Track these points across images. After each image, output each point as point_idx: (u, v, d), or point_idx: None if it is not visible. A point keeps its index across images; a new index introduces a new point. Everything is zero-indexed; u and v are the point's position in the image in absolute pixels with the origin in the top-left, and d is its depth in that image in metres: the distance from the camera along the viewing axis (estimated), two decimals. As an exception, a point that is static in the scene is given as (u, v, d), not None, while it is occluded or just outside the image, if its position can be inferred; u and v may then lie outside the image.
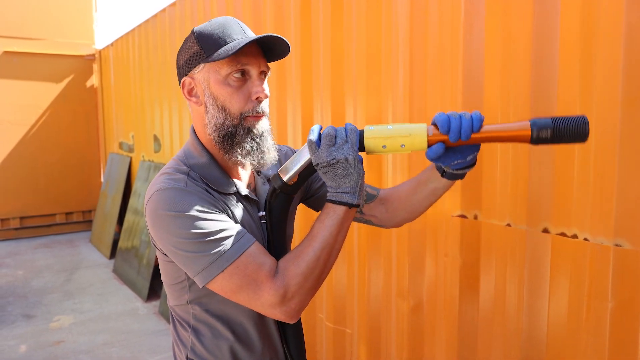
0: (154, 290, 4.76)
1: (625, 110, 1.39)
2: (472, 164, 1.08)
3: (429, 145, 1.02)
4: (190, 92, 1.13)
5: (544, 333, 1.64)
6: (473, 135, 1.00)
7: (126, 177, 6.30)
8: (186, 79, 1.13)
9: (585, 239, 1.50)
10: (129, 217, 5.64)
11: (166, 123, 4.96)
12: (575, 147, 1.51)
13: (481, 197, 1.82)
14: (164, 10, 4.88)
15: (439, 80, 1.94)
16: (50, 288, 5.11)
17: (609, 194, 1.44)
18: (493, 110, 1.75)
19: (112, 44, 6.86)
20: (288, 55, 1.21)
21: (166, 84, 4.89)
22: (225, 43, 1.06)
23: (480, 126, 1.00)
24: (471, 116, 0.99)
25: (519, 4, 1.64)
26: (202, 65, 1.09)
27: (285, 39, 1.09)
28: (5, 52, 7.13)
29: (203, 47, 1.07)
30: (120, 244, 5.61)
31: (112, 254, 6.14)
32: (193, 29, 1.10)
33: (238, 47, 1.03)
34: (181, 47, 1.14)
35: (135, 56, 5.88)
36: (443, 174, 1.13)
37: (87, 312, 4.45)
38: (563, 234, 1.57)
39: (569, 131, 0.95)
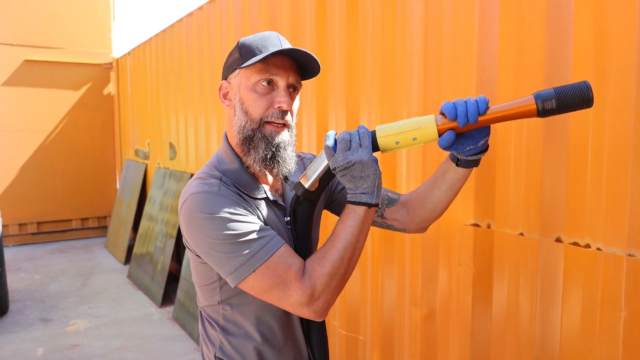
0: (168, 296, 4.82)
1: (638, 120, 1.40)
2: (485, 148, 1.11)
3: (440, 135, 1.05)
4: (225, 95, 1.21)
5: (557, 342, 1.65)
6: (480, 118, 1.03)
7: (141, 183, 6.38)
8: (223, 83, 1.21)
9: (598, 249, 1.51)
10: (143, 223, 5.71)
11: (182, 131, 5.03)
12: (589, 157, 1.52)
13: (494, 206, 1.84)
14: (180, 20, 4.96)
15: (452, 87, 1.96)
16: (67, 292, 5.18)
17: (622, 203, 1.45)
18: (506, 120, 1.76)
19: (129, 53, 6.98)
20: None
21: (182, 92, 4.97)
22: (260, 53, 1.12)
23: (486, 108, 1.02)
24: (476, 100, 1.03)
25: (532, 11, 1.66)
26: (237, 71, 1.16)
27: (314, 56, 1.13)
28: (26, 61, 7.30)
29: (242, 54, 1.14)
30: (135, 249, 5.67)
31: (127, 260, 6.22)
32: (240, 39, 1.19)
33: (265, 54, 1.09)
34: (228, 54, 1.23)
35: (152, 65, 5.97)
36: (457, 163, 1.16)
37: (102, 317, 4.51)
38: (576, 244, 1.58)
39: (573, 99, 0.96)
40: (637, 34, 1.39)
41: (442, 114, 1.05)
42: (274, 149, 1.15)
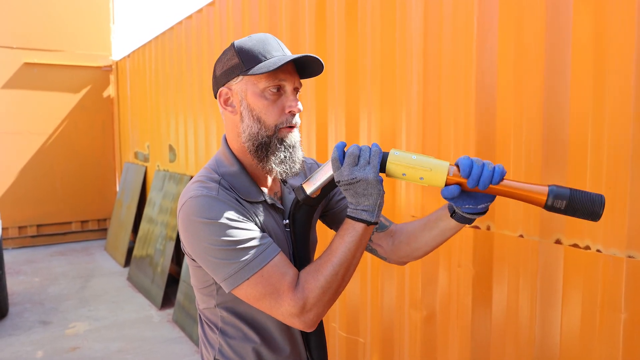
0: (168, 298, 4.81)
1: (637, 122, 1.40)
2: (483, 212, 1.10)
3: (446, 184, 1.04)
4: (226, 102, 1.19)
5: (557, 344, 1.64)
6: (490, 186, 1.01)
7: (141, 186, 6.38)
8: (223, 89, 1.18)
9: (598, 251, 1.51)
10: (143, 225, 5.70)
11: (181, 133, 5.03)
12: (588, 157, 1.52)
13: (494, 208, 1.83)
14: (180, 22, 4.96)
15: (452, 88, 1.96)
16: (66, 295, 5.18)
17: (622, 205, 1.44)
18: (506, 122, 1.76)
19: (128, 56, 6.98)
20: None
21: (182, 94, 4.97)
22: (265, 59, 1.12)
23: (501, 180, 1.01)
24: (494, 168, 1.01)
25: (532, 11, 1.66)
26: (240, 77, 1.14)
27: (321, 60, 1.14)
28: (26, 64, 7.30)
29: (243, 60, 1.13)
30: (135, 252, 5.67)
31: (127, 262, 6.22)
32: (233, 43, 1.16)
33: (279, 64, 1.08)
34: (219, 58, 1.20)
35: (151, 67, 5.98)
36: (453, 214, 1.15)
37: (102, 319, 4.50)
38: (576, 245, 1.58)
39: (583, 208, 0.96)
40: (636, 34, 1.39)
41: (457, 165, 1.04)
42: (290, 150, 1.16)
